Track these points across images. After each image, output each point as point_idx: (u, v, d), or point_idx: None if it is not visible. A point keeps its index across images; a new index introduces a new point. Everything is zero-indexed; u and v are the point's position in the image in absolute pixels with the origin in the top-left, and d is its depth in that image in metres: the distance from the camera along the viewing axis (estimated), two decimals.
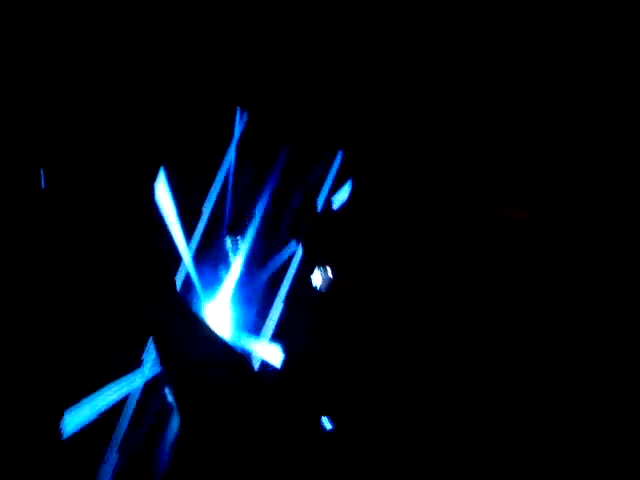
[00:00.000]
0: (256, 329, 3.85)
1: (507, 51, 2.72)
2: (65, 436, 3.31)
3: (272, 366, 3.67)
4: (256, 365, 3.72)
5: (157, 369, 3.54)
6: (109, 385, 3.52)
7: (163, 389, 3.70)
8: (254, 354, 3.78)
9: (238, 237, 3.97)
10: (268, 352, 3.76)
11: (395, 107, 3.22)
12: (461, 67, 2.86)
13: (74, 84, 3.39)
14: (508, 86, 2.65)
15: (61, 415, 3.26)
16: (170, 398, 3.41)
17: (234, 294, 3.94)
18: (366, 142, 3.49)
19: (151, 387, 3.72)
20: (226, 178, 3.84)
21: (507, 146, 2.49)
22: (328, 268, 2.91)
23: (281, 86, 3.61)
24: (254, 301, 3.92)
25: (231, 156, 3.83)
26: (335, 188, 3.83)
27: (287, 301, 3.80)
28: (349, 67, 3.55)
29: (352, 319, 2.59)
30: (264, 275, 3.93)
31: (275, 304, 3.82)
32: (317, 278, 3.47)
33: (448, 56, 2.94)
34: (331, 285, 2.93)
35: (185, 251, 3.74)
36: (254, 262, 3.97)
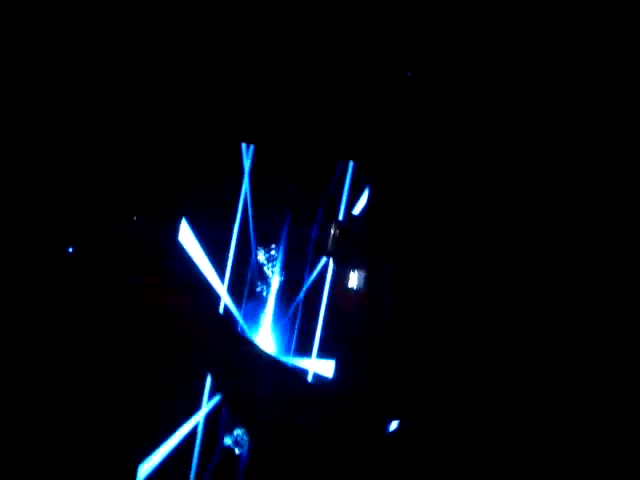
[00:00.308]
0: (302, 347, 3.93)
1: (507, 47, 2.68)
2: None
3: (326, 380, 3.74)
4: (310, 380, 3.80)
5: (217, 400, 3.65)
6: (176, 426, 3.64)
7: (228, 419, 3.81)
8: (306, 371, 3.86)
9: (269, 258, 4.05)
10: (319, 367, 3.84)
11: (395, 107, 3.23)
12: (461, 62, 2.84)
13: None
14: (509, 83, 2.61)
15: (136, 467, 3.38)
16: (234, 426, 3.50)
17: (274, 317, 4.03)
18: (375, 147, 3.51)
19: (214, 418, 3.83)
20: (245, 209, 3.91)
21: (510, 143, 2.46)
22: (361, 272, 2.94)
23: (282, 105, 3.64)
24: (296, 320, 3.99)
25: (246, 187, 3.91)
26: (353, 196, 3.87)
27: (329, 314, 3.86)
28: (347, 71, 3.56)
29: (393, 324, 2.62)
30: (301, 293, 4.00)
31: (318, 319, 3.89)
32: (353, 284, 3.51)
33: (444, 51, 2.92)
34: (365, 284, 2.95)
35: (219, 285, 3.84)
36: (289, 283, 4.04)
